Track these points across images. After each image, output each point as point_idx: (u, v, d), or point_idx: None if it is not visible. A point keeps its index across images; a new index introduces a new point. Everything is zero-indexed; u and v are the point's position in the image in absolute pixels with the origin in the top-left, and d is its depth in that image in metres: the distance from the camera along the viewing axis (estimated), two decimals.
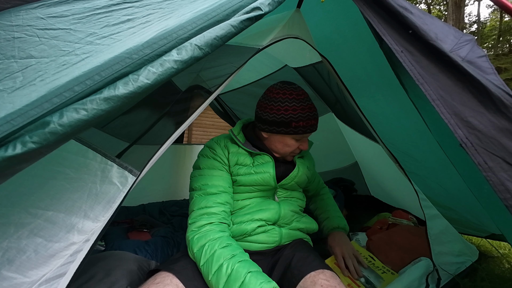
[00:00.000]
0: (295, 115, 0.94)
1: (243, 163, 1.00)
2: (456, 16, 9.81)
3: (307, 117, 0.95)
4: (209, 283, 0.76)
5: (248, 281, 0.71)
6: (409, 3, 0.78)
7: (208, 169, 0.97)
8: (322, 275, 0.78)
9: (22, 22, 0.65)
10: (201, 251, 0.80)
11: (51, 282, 0.56)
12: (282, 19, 1.01)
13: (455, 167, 0.99)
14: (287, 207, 1.02)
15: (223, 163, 0.98)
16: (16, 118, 0.41)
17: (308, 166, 1.13)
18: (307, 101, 0.97)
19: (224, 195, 0.92)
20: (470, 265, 1.24)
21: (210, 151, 1.01)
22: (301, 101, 0.96)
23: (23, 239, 0.58)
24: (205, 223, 0.85)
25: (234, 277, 0.72)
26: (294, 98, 0.95)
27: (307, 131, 0.97)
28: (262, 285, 0.70)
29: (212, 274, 0.75)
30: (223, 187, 0.94)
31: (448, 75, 0.67)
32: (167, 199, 2.00)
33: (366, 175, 2.41)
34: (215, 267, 0.76)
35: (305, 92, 1.00)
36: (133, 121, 1.04)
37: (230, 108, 2.43)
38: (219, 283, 0.73)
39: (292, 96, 0.96)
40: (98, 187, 0.66)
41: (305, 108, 0.95)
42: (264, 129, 0.99)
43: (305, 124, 0.95)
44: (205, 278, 0.77)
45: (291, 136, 0.97)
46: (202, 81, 0.93)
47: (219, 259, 0.76)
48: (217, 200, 0.90)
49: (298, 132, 0.96)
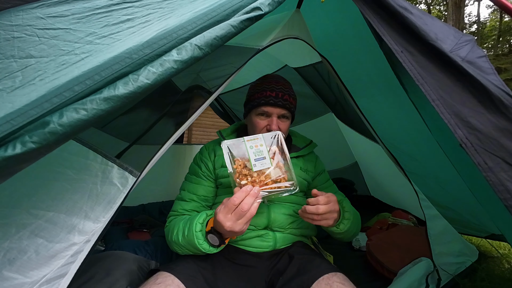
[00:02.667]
0: (253, 90, 1.01)
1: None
2: (456, 17, 9.82)
3: (262, 89, 0.98)
4: (173, 243, 0.87)
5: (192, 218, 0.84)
6: (409, 3, 0.78)
7: (190, 175, 1.06)
8: (336, 278, 0.76)
9: (22, 21, 0.65)
10: (169, 228, 0.91)
11: (51, 282, 0.57)
12: (282, 19, 1.01)
13: (455, 167, 0.99)
14: (279, 210, 0.97)
15: (205, 170, 1.03)
16: (16, 118, 0.41)
17: (302, 167, 1.07)
18: (271, 78, 1.02)
19: (192, 204, 0.99)
20: (470, 265, 1.24)
21: (199, 156, 1.08)
22: (263, 79, 1.03)
23: (24, 239, 0.58)
24: (172, 219, 0.96)
25: (185, 225, 0.84)
26: (260, 79, 1.03)
27: (262, 102, 0.96)
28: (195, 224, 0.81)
29: (174, 235, 0.86)
30: (195, 195, 0.99)
31: (448, 75, 0.67)
32: (167, 199, 2.00)
33: (366, 175, 2.41)
34: (175, 230, 0.87)
35: (279, 77, 1.05)
36: (133, 121, 1.04)
37: (230, 108, 2.43)
38: (178, 235, 0.84)
39: (260, 78, 1.04)
40: (99, 188, 0.66)
41: (263, 83, 1.00)
42: (243, 115, 1.07)
43: (259, 96, 0.98)
44: (172, 243, 0.88)
45: (253, 112, 1.00)
46: (203, 81, 0.93)
47: (177, 223, 0.89)
48: (184, 207, 0.97)
49: (255, 105, 0.98)
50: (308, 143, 1.15)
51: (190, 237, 0.80)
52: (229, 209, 0.70)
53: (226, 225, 0.70)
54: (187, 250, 0.85)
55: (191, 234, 0.80)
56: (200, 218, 0.82)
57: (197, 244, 0.78)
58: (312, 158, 1.15)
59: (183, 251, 0.86)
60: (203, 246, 0.78)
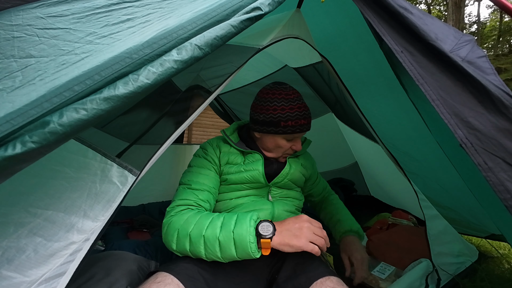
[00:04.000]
0: (283, 114, 0.95)
1: (233, 162, 1.01)
2: (456, 17, 9.82)
3: (295, 117, 0.96)
4: (203, 238, 0.77)
5: (240, 216, 0.79)
6: (409, 3, 0.78)
7: (197, 167, 1.00)
8: (329, 282, 0.76)
9: (22, 21, 0.65)
10: (181, 220, 0.81)
11: (50, 281, 0.56)
12: (282, 19, 1.01)
13: (455, 167, 0.99)
14: (281, 207, 1.00)
15: (213, 163, 1.01)
16: (16, 118, 0.41)
17: (302, 164, 1.11)
18: (297, 101, 0.98)
19: (206, 193, 0.94)
20: (469, 265, 1.24)
21: (203, 151, 1.04)
22: (289, 100, 0.97)
23: (22, 238, 0.58)
24: (182, 208, 0.87)
25: (227, 219, 0.79)
26: (283, 98, 0.97)
27: (297, 130, 0.97)
28: (251, 215, 0.78)
29: (206, 227, 0.78)
30: (207, 186, 0.95)
31: (448, 75, 0.67)
32: (167, 199, 2.00)
33: (366, 175, 2.41)
34: (206, 222, 0.79)
35: (296, 92, 1.01)
36: (133, 121, 1.04)
37: (230, 108, 2.43)
38: (216, 231, 0.77)
39: (281, 96, 0.97)
40: (98, 186, 0.66)
41: (294, 108, 0.96)
42: (256, 129, 1.01)
43: (294, 124, 0.96)
44: (197, 237, 0.78)
45: (281, 136, 0.98)
46: (202, 80, 0.93)
47: (208, 217, 0.81)
48: (198, 196, 0.91)
49: (287, 131, 0.96)
50: (303, 140, 1.17)
51: (241, 232, 0.74)
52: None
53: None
54: (217, 250, 0.76)
55: (243, 229, 0.74)
56: (254, 215, 0.78)
57: (248, 241, 0.73)
58: (308, 156, 1.20)
59: (207, 251, 0.77)
60: (252, 246, 0.74)
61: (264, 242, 0.75)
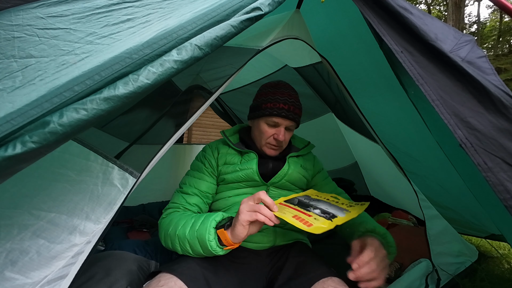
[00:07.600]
0: (266, 98, 1.01)
1: (231, 162, 1.04)
2: (456, 17, 9.82)
3: (276, 100, 0.99)
4: (177, 236, 0.84)
5: (207, 216, 0.83)
6: (409, 3, 0.78)
7: (192, 170, 1.06)
8: (330, 282, 0.77)
9: (22, 21, 0.65)
10: (167, 221, 0.89)
11: (52, 283, 0.56)
12: (282, 19, 1.01)
13: (454, 167, 0.99)
14: None
15: (208, 166, 1.05)
16: (16, 118, 0.41)
17: (302, 165, 1.10)
18: (285, 90, 1.02)
19: (195, 198, 0.98)
20: (469, 265, 1.24)
21: (202, 153, 1.09)
22: (276, 87, 1.03)
23: (26, 240, 0.58)
24: (171, 211, 0.95)
25: (196, 220, 0.83)
26: (272, 86, 1.03)
27: (274, 113, 0.99)
28: (215, 215, 0.82)
29: (180, 227, 0.84)
30: (198, 190, 1.00)
31: (448, 76, 0.67)
32: (167, 199, 2.00)
33: (366, 175, 2.41)
34: (181, 222, 0.85)
35: (290, 87, 1.06)
36: (133, 121, 1.04)
37: (230, 108, 2.43)
38: (186, 230, 0.82)
39: (273, 86, 1.04)
40: (100, 189, 0.66)
41: (277, 93, 1.01)
42: (248, 116, 1.08)
43: (272, 106, 0.99)
44: (173, 236, 0.85)
45: (262, 120, 1.02)
46: (203, 82, 0.93)
47: (184, 217, 0.87)
48: (187, 200, 0.97)
49: (265, 113, 1.00)
50: (306, 144, 1.19)
51: (201, 232, 0.79)
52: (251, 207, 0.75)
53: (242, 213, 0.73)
54: (188, 247, 0.82)
55: (203, 229, 0.79)
56: (218, 216, 0.82)
57: (206, 239, 0.77)
58: (310, 158, 1.20)
59: (182, 248, 0.84)
60: (211, 243, 0.77)
61: (221, 233, 0.78)
